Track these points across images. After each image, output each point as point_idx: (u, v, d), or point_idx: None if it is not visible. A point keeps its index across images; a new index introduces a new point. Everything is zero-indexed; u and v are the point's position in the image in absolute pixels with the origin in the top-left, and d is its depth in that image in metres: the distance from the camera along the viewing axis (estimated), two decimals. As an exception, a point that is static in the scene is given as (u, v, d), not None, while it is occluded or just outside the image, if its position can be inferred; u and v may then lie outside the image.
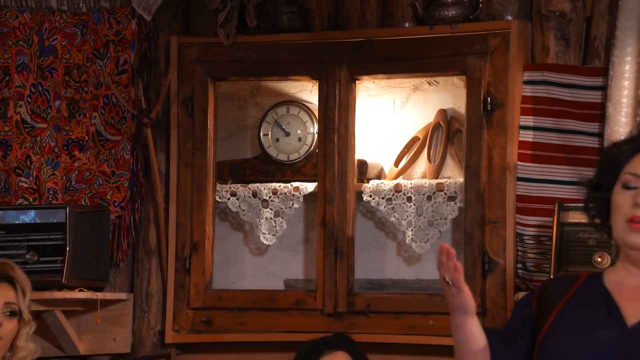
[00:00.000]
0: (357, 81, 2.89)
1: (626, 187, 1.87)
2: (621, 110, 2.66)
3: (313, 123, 2.98)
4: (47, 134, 3.05)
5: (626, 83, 2.67)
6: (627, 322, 1.85)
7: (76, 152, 3.04)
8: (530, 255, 2.67)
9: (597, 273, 1.94)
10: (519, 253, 2.70)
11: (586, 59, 2.77)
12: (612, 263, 2.36)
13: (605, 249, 2.46)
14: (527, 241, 2.68)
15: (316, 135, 2.95)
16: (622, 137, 2.66)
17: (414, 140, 2.92)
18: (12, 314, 2.36)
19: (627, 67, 2.68)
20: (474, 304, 1.97)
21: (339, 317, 2.81)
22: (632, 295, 1.89)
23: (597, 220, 1.96)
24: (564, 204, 2.57)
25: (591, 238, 2.48)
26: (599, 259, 2.43)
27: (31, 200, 3.05)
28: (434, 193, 2.84)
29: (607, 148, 2.18)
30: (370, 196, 2.86)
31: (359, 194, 2.89)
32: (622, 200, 1.87)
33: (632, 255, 1.89)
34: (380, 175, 2.97)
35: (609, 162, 1.94)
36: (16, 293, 2.38)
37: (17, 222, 2.87)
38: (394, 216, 2.85)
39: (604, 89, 2.69)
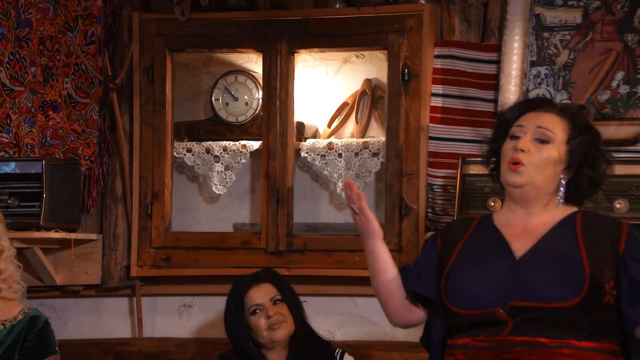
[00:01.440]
0: (295, 54, 3.08)
1: (512, 137, 2.11)
2: (511, 81, 2.91)
3: (258, 90, 3.16)
4: (24, 96, 3.17)
5: (515, 58, 2.92)
6: (515, 255, 2.06)
7: (50, 113, 3.18)
8: (439, 202, 2.95)
9: (488, 215, 2.17)
10: (429, 200, 2.98)
11: (484, 37, 3.01)
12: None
13: (498, 195, 2.66)
14: (436, 190, 2.97)
15: (260, 100, 3.14)
16: (512, 103, 2.71)
17: (344, 105, 3.15)
18: None
19: (515, 45, 2.92)
20: (380, 229, 2.17)
21: (279, 255, 3.05)
22: (517, 232, 2.10)
23: (494, 172, 2.19)
24: (466, 159, 2.82)
25: (487, 186, 2.71)
26: (492, 204, 2.67)
27: (11, 153, 3.15)
28: (361, 150, 3.07)
29: (500, 111, 2.38)
30: (307, 153, 3.09)
31: (297, 151, 3.11)
32: (507, 148, 2.10)
33: (513, 194, 2.11)
34: (315, 135, 3.18)
35: (502, 121, 2.18)
36: None
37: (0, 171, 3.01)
38: (327, 170, 3.09)
39: (497, 62, 2.94)
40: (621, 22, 2.86)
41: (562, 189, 2.09)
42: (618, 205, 2.60)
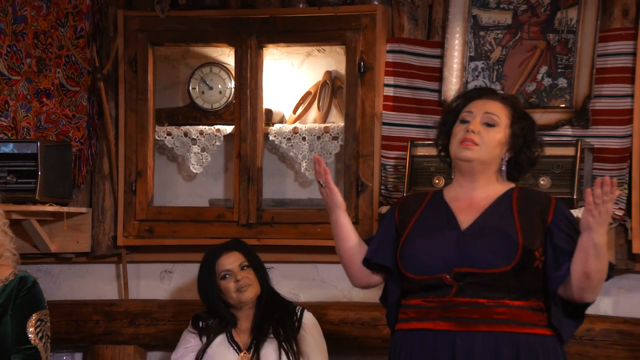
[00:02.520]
0: (263, 48, 3.18)
1: (462, 121, 2.24)
2: (453, 73, 3.06)
3: (230, 80, 3.24)
4: (21, 84, 3.29)
5: (456, 53, 3.06)
6: (461, 227, 2.20)
7: (44, 99, 3.29)
8: (390, 180, 3.08)
9: (439, 190, 2.30)
10: (382, 178, 3.09)
11: (429, 35, 3.13)
12: (446, 184, 2.60)
13: (442, 174, 2.85)
14: (388, 169, 3.09)
15: (233, 89, 3.22)
16: (455, 93, 2.92)
17: (307, 94, 3.24)
18: None
19: (456, 42, 3.06)
20: (343, 201, 2.30)
21: (250, 227, 3.16)
22: (464, 206, 2.24)
23: (442, 153, 2.31)
24: (414, 142, 2.96)
25: (432, 166, 2.88)
26: (437, 181, 2.85)
27: (9, 135, 3.28)
28: (322, 134, 3.18)
29: (451, 100, 2.46)
30: (275, 136, 3.19)
31: (266, 134, 3.20)
32: (458, 131, 2.23)
33: (462, 167, 2.22)
34: (282, 121, 3.27)
35: (452, 108, 2.31)
36: None
37: None
38: (292, 152, 3.18)
39: (441, 57, 3.07)
40: (544, 24, 2.99)
41: (504, 167, 2.23)
42: (542, 182, 2.80)
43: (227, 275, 2.79)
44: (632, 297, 2.99)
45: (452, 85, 3.02)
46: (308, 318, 2.85)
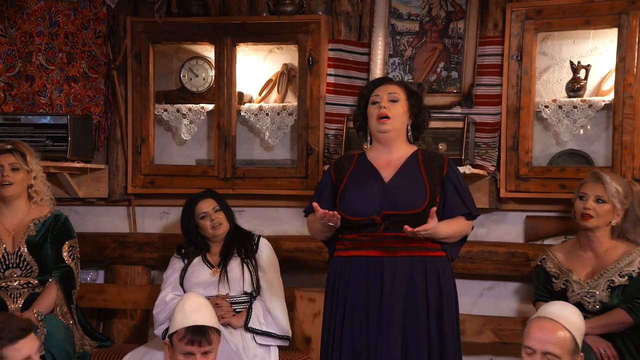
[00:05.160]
0: (237, 46, 3.42)
1: (373, 103, 2.50)
2: (377, 67, 3.31)
3: (211, 69, 3.48)
4: (55, 72, 3.57)
5: (379, 52, 3.31)
6: (384, 180, 2.46)
7: (72, 84, 3.56)
8: (332, 145, 3.36)
9: (363, 153, 2.57)
10: (326, 144, 3.36)
11: (360, 37, 3.38)
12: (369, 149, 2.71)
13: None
14: (330, 137, 3.37)
15: (213, 77, 3.44)
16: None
17: (269, 81, 3.50)
18: (14, 169, 2.88)
19: (379, 43, 3.31)
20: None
21: (227, 180, 3.41)
22: (384, 164, 2.49)
23: (359, 127, 2.57)
24: (349, 117, 3.20)
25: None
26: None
27: (47, 110, 3.54)
28: (281, 111, 3.43)
29: (360, 90, 2.66)
30: (245, 113, 3.42)
31: (239, 111, 3.43)
32: (372, 110, 2.49)
33: (380, 138, 2.48)
34: (250, 100, 3.49)
35: (364, 92, 2.58)
36: (15, 156, 2.88)
37: (40, 122, 3.35)
38: (258, 124, 3.43)
39: (368, 54, 3.31)
40: (441, 31, 3.26)
41: (409, 132, 2.53)
42: (440, 147, 3.12)
43: (204, 216, 3.02)
44: (499, 228, 3.34)
45: (377, 75, 3.26)
46: (263, 242, 3.09)
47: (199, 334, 2.42)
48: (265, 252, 3.09)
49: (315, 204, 2.36)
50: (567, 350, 2.11)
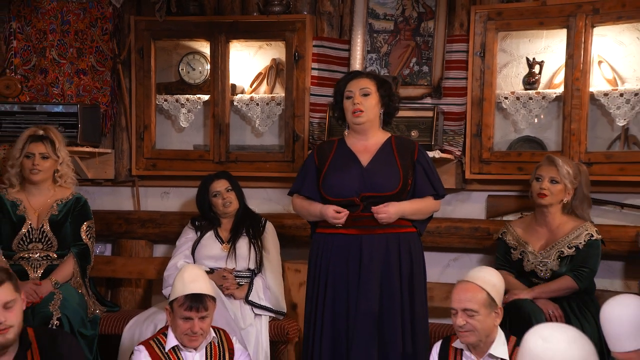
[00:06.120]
0: (230, 42, 3.58)
1: (347, 97, 2.64)
2: (357, 61, 3.49)
3: (207, 64, 3.65)
4: (66, 66, 3.73)
5: (358, 48, 3.48)
6: (363, 164, 2.60)
7: (82, 76, 3.72)
8: (316, 132, 3.52)
9: (342, 138, 2.71)
10: (310, 131, 3.52)
11: (341, 35, 3.55)
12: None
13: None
14: (314, 125, 3.53)
15: (209, 70, 3.61)
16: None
17: (260, 74, 3.68)
18: (44, 157, 3.02)
19: (359, 40, 3.49)
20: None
21: (221, 164, 3.58)
22: (362, 149, 2.62)
23: (338, 118, 2.71)
24: (331, 106, 3.09)
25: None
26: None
27: (59, 100, 3.70)
28: (270, 101, 3.60)
29: (335, 84, 2.74)
30: (237, 103, 3.59)
31: (232, 101, 3.58)
32: (347, 105, 2.64)
33: (357, 129, 2.65)
34: (242, 92, 3.66)
35: (339, 86, 2.70)
36: (45, 145, 3.02)
37: (53, 111, 3.47)
38: (249, 113, 3.60)
39: (349, 50, 3.48)
40: (414, 30, 3.44)
41: (381, 120, 2.65)
42: (413, 134, 3.27)
43: (217, 195, 3.21)
44: (464, 206, 3.53)
45: (356, 69, 3.41)
46: (269, 225, 3.30)
47: (197, 301, 2.57)
48: (270, 234, 3.27)
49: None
50: (483, 305, 2.32)
